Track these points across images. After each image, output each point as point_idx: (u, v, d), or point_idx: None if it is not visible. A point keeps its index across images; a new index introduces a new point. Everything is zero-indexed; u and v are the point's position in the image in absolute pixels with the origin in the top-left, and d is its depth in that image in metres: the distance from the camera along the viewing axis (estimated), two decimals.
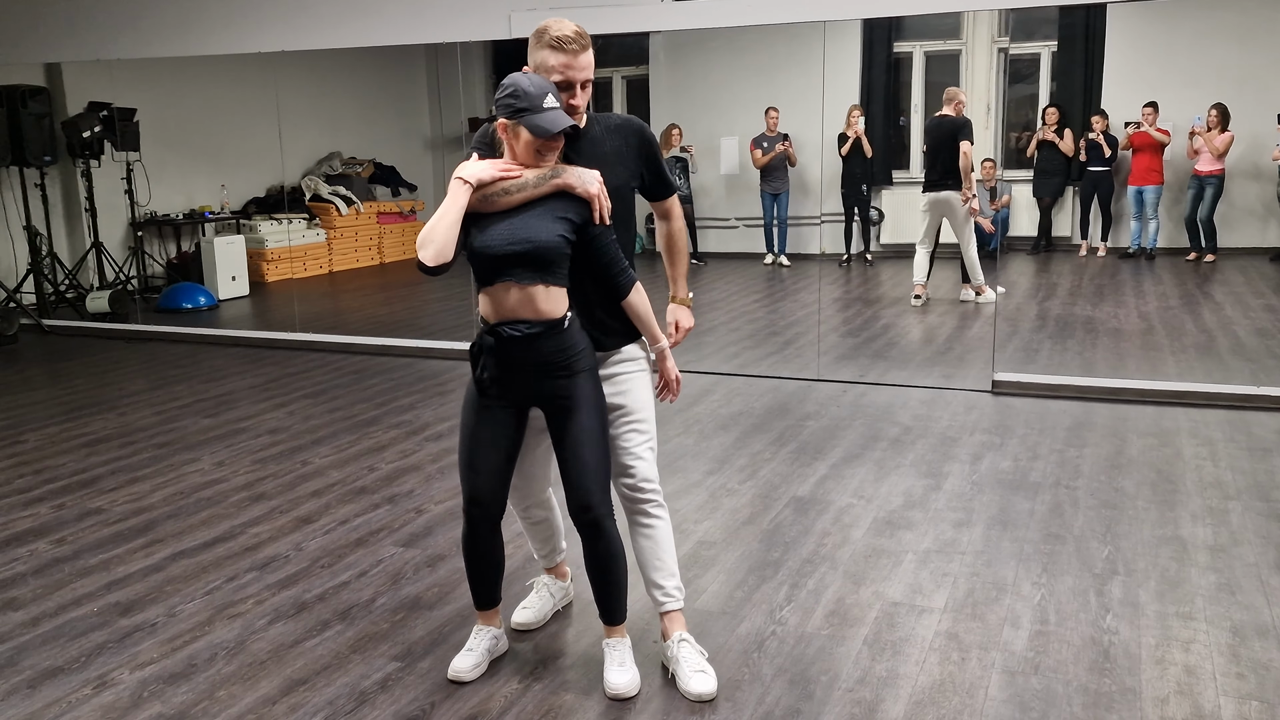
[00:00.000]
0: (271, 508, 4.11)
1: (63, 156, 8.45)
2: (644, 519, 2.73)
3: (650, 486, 2.71)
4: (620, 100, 10.93)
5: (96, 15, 7.57)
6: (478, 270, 2.51)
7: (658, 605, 2.79)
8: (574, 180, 2.48)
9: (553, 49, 2.49)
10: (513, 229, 2.46)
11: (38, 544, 3.79)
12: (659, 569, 2.75)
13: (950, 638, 2.94)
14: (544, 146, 2.46)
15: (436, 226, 2.44)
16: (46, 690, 2.77)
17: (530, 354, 2.51)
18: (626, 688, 2.66)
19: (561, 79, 2.50)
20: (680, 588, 2.79)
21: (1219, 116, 8.70)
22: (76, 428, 5.31)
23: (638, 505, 2.72)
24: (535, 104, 2.42)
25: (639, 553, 2.76)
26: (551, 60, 2.50)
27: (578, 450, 2.57)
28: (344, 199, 10.58)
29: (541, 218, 2.47)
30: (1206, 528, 3.68)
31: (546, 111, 2.42)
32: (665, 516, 2.75)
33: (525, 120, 2.43)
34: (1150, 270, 8.95)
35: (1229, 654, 2.81)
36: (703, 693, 2.64)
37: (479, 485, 2.63)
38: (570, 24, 2.52)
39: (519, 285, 2.47)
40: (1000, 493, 4.07)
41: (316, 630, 3.07)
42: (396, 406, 5.56)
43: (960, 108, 7.54)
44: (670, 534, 2.77)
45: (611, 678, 2.68)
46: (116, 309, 8.17)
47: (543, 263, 2.47)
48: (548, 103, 2.42)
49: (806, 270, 9.50)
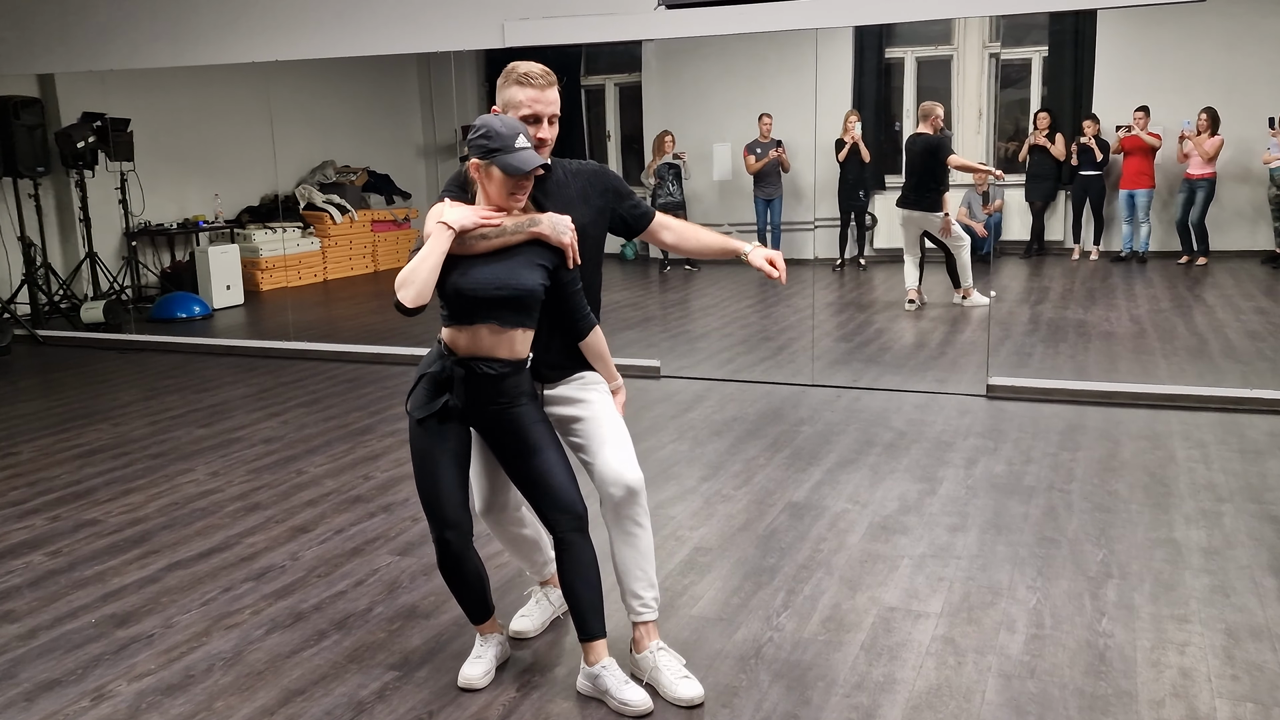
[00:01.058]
0: (267, 517, 4.10)
1: (56, 167, 8.44)
2: (628, 526, 2.71)
3: (631, 496, 2.68)
4: (613, 107, 10.95)
5: (89, 26, 7.57)
6: (455, 309, 2.57)
7: (634, 615, 2.77)
8: (548, 230, 2.56)
9: (520, 85, 2.61)
10: (497, 274, 2.53)
11: (33, 556, 3.78)
12: (639, 578, 2.74)
13: (946, 642, 2.95)
14: (516, 185, 2.52)
15: (419, 269, 2.49)
16: (44, 703, 2.77)
17: (494, 390, 2.59)
18: (647, 702, 2.64)
19: (529, 113, 2.60)
20: (658, 598, 2.79)
21: (1209, 120, 8.73)
22: (71, 438, 5.31)
23: (622, 513, 2.70)
24: (507, 144, 2.48)
25: (620, 561, 2.74)
26: (519, 95, 2.60)
27: (545, 472, 2.61)
28: (338, 207, 10.57)
29: (523, 265, 2.55)
30: (1200, 530, 3.69)
31: (518, 151, 2.48)
32: (647, 526, 2.74)
33: (498, 160, 2.48)
34: (1142, 274, 8.98)
35: (1224, 656, 2.83)
36: (693, 697, 2.65)
37: (447, 508, 2.63)
38: (537, 64, 2.63)
39: (499, 327, 2.55)
40: (995, 497, 4.08)
41: (313, 640, 3.07)
42: (391, 415, 5.56)
43: (937, 123, 7.58)
44: (650, 544, 2.76)
45: (629, 695, 2.64)
46: (111, 319, 8.15)
47: (523, 307, 2.56)
48: (519, 142, 2.48)
49: (800, 275, 9.52)
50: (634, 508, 2.69)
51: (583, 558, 2.64)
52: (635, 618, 2.77)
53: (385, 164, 11.62)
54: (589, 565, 2.65)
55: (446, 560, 2.70)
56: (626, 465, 2.67)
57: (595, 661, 2.68)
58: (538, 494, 2.63)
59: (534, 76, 2.59)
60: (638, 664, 2.76)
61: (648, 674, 2.73)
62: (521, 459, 2.63)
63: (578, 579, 2.65)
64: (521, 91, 2.60)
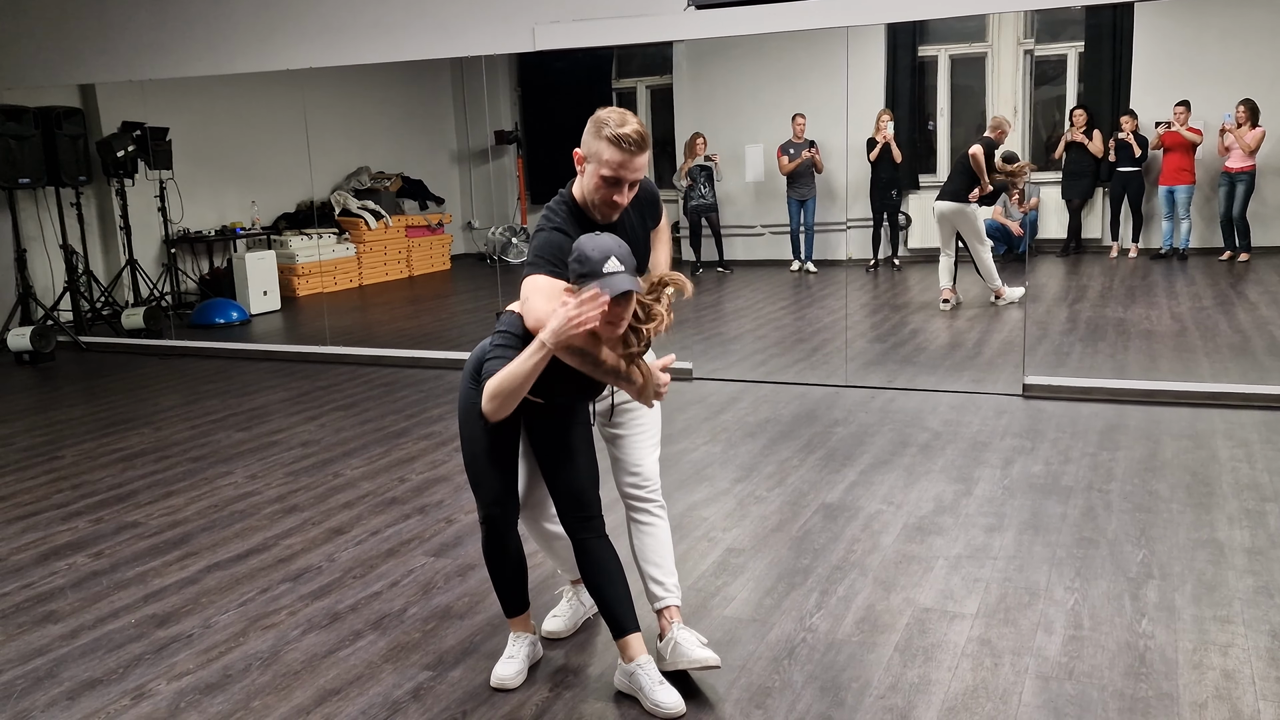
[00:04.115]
0: (304, 519, 4.15)
1: (97, 176, 8.60)
2: (645, 518, 2.79)
3: (652, 486, 2.77)
4: (645, 110, 10.96)
5: (129, 37, 7.70)
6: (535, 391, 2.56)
7: (656, 601, 2.81)
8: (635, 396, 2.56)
9: (611, 144, 2.47)
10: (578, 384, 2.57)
11: (76, 557, 3.85)
12: (659, 566, 2.80)
13: (983, 643, 2.91)
14: (612, 317, 2.43)
15: (512, 388, 2.43)
16: (85, 701, 2.81)
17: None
18: (679, 704, 2.64)
19: (612, 175, 2.50)
20: (678, 585, 2.83)
21: (1248, 112, 8.59)
22: (113, 442, 5.39)
23: (639, 505, 2.78)
24: (596, 269, 2.39)
25: (639, 550, 2.80)
26: (606, 154, 2.48)
27: (572, 475, 2.64)
28: (373, 213, 10.67)
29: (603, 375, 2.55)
30: (1243, 530, 3.62)
31: (607, 277, 2.38)
32: (665, 516, 2.81)
33: (589, 285, 2.40)
34: (1182, 271, 8.84)
35: (1268, 658, 2.77)
36: (708, 658, 2.69)
37: (494, 483, 2.67)
38: (634, 121, 2.48)
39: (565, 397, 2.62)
40: (1032, 497, 4.03)
41: (349, 640, 3.10)
42: (426, 418, 5.59)
43: (1000, 135, 7.65)
44: (669, 534, 2.82)
45: (662, 697, 2.63)
46: (151, 325, 8.28)
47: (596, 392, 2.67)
48: (609, 267, 2.39)
49: (833, 276, 9.47)
50: (651, 500, 2.77)
51: (600, 557, 2.67)
52: (655, 604, 2.81)
53: (419, 170, 11.71)
54: (609, 562, 2.67)
55: (491, 539, 2.73)
56: (647, 456, 2.74)
57: (631, 659, 2.69)
58: (559, 491, 2.67)
59: (627, 140, 2.45)
60: (660, 651, 2.78)
61: (669, 654, 2.74)
62: (552, 457, 2.66)
63: (600, 578, 2.68)
64: (611, 151, 2.47)
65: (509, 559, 2.77)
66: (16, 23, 8.13)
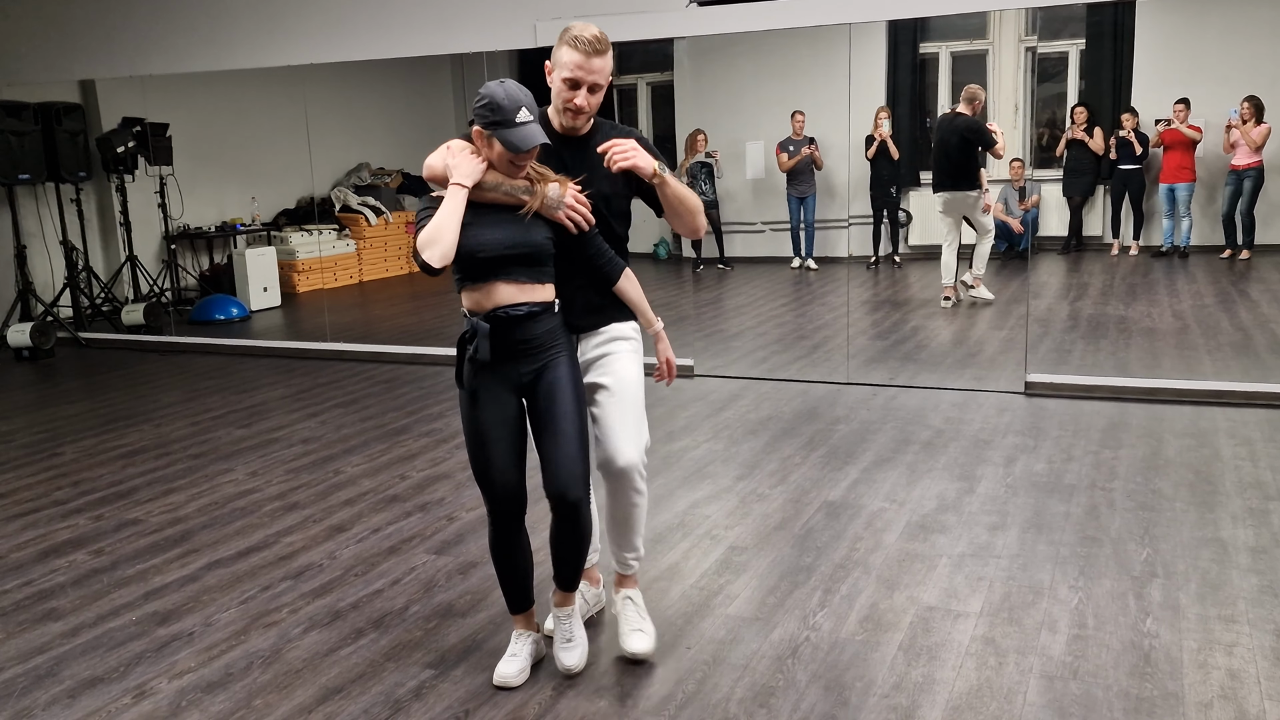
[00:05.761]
0: (305, 517, 4.14)
1: (97, 172, 8.58)
2: (626, 496, 2.80)
3: (634, 467, 2.76)
4: (645, 107, 10.94)
5: (129, 32, 7.68)
6: (469, 269, 2.58)
7: (621, 567, 2.94)
8: (538, 206, 2.58)
9: (569, 47, 2.59)
10: (508, 234, 2.55)
11: (76, 555, 3.84)
12: (628, 541, 2.90)
13: (987, 642, 2.91)
14: (516, 159, 2.53)
15: (442, 230, 2.50)
16: (86, 700, 2.80)
17: (524, 333, 2.60)
18: (579, 664, 2.79)
19: (569, 77, 2.59)
20: (640, 559, 2.95)
21: (1252, 109, 8.58)
22: (113, 439, 5.38)
23: (620, 484, 2.78)
24: (508, 118, 2.46)
25: (614, 524, 2.87)
26: (564, 57, 2.59)
27: (561, 436, 2.62)
28: (373, 209, 10.65)
29: (532, 222, 2.58)
30: (1247, 529, 3.62)
31: (519, 126, 2.46)
32: (645, 494, 2.85)
33: (499, 134, 2.48)
34: (1184, 268, 8.83)
35: (1273, 657, 2.76)
36: (638, 651, 2.80)
37: (498, 479, 2.66)
38: (594, 28, 2.58)
39: (515, 281, 2.58)
40: (1035, 495, 4.02)
41: (351, 638, 3.09)
42: (427, 415, 5.58)
43: (978, 107, 7.53)
44: (645, 512, 2.89)
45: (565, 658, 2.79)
46: (151, 321, 8.26)
47: (535, 261, 2.59)
48: (520, 116, 2.46)
49: (834, 273, 9.46)
50: (631, 482, 2.78)
51: (571, 534, 2.71)
52: (619, 569, 2.95)
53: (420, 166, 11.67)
54: (578, 539, 2.73)
55: (499, 533, 2.74)
56: (628, 444, 2.74)
57: (560, 606, 2.82)
58: (545, 464, 2.67)
59: (583, 42, 2.55)
60: (611, 600, 2.99)
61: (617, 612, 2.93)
62: (544, 429, 2.65)
63: (564, 547, 2.74)
64: (568, 54, 2.57)
65: (516, 555, 2.77)
66: (16, 18, 8.11)
